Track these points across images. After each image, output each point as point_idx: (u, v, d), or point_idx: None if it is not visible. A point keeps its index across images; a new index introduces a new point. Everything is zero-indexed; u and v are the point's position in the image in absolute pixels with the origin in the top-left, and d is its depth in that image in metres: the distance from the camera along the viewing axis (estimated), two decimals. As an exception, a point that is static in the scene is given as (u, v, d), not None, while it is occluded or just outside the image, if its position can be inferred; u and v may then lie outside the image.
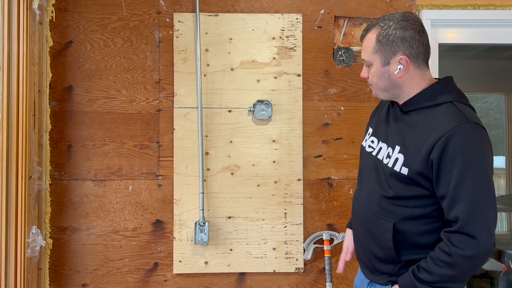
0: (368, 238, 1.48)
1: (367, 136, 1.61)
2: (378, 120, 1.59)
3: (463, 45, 2.37)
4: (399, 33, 1.38)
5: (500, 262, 3.12)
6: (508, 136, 3.75)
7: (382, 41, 1.39)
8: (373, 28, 1.43)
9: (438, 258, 1.31)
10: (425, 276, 1.33)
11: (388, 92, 1.45)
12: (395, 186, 1.40)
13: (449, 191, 1.30)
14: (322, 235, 2.14)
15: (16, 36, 1.85)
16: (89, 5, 2.16)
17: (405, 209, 1.39)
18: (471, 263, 1.29)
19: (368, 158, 1.55)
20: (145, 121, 2.16)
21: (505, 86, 3.79)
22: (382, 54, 1.40)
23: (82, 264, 2.14)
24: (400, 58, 1.38)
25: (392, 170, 1.40)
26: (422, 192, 1.37)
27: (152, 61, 2.17)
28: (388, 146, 1.45)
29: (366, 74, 1.48)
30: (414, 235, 1.39)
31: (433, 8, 2.22)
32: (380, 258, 1.46)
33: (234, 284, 2.16)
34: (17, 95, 1.85)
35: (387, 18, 1.42)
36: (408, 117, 1.43)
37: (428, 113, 1.38)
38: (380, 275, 1.48)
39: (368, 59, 1.44)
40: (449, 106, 1.37)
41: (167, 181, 2.16)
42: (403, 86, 1.42)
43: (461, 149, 1.29)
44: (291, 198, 2.16)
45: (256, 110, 2.15)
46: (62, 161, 2.14)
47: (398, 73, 1.40)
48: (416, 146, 1.36)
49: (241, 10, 2.18)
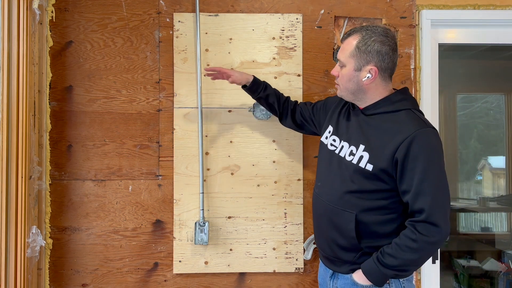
0: (332, 229, 1.63)
1: (328, 134, 1.75)
2: (338, 120, 1.73)
3: (463, 45, 2.37)
4: (377, 46, 1.54)
5: (500, 262, 3.13)
6: (508, 136, 3.75)
7: (361, 48, 1.55)
8: (355, 34, 1.57)
9: (404, 244, 1.48)
10: (390, 260, 1.49)
11: (353, 95, 1.62)
12: (359, 181, 1.55)
13: (413, 186, 1.46)
14: (322, 235, 2.14)
15: (16, 36, 1.85)
16: (89, 5, 2.16)
17: (366, 201, 1.55)
18: (433, 247, 1.48)
19: (330, 156, 1.69)
20: (145, 121, 2.16)
21: (505, 86, 3.79)
22: (357, 60, 1.56)
23: (82, 264, 2.14)
24: (370, 68, 1.55)
25: (357, 166, 1.56)
26: (383, 187, 1.53)
27: (152, 61, 2.17)
28: (350, 145, 1.61)
29: (337, 72, 1.64)
30: (373, 224, 1.55)
31: (433, 8, 2.22)
32: (342, 247, 1.60)
33: (234, 284, 2.16)
34: (17, 95, 1.85)
35: (370, 29, 1.56)
36: (371, 119, 1.59)
37: (390, 117, 1.55)
38: (342, 264, 1.63)
39: (344, 60, 1.59)
40: (409, 112, 1.55)
41: (167, 181, 2.16)
42: (368, 92, 1.59)
43: (424, 149, 1.46)
44: (291, 198, 2.17)
45: (256, 110, 2.15)
46: (62, 161, 2.15)
47: (365, 80, 1.56)
48: (381, 145, 1.52)
49: (241, 10, 2.18)
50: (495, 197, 3.86)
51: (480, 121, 4.02)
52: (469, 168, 4.02)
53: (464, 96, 4.04)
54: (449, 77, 3.65)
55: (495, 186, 3.95)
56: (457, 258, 3.26)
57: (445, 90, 3.72)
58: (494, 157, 4.00)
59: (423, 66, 2.21)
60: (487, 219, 3.89)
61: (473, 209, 3.76)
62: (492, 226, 3.87)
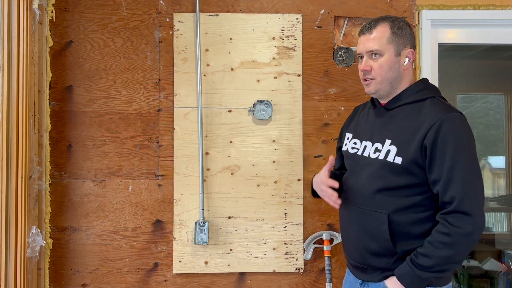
0: (362, 234, 1.50)
1: (347, 141, 1.67)
2: (357, 124, 1.66)
3: (463, 45, 2.37)
4: (408, 28, 1.51)
5: (500, 262, 3.12)
6: (508, 136, 3.75)
7: (397, 32, 1.48)
8: (382, 22, 1.50)
9: (437, 240, 1.36)
10: (425, 261, 1.36)
11: (391, 85, 1.51)
12: (387, 177, 1.45)
13: (443, 174, 1.37)
14: (322, 235, 2.14)
15: (16, 36, 1.85)
16: (89, 5, 2.16)
17: (398, 199, 1.44)
18: (469, 240, 1.35)
19: (353, 158, 1.60)
20: (145, 121, 2.16)
21: (505, 86, 3.79)
22: (396, 44, 1.48)
23: (82, 264, 2.14)
24: (408, 51, 1.50)
25: (385, 161, 1.46)
26: (414, 181, 1.42)
27: (152, 61, 2.17)
28: (374, 142, 1.52)
29: (368, 66, 1.51)
30: (407, 225, 1.43)
31: (433, 8, 2.22)
32: (375, 252, 1.48)
33: (234, 284, 2.16)
34: (17, 95, 1.85)
35: (391, 17, 1.53)
36: (394, 113, 1.51)
37: (415, 107, 1.48)
38: (374, 272, 1.50)
39: (382, 48, 1.48)
40: (434, 99, 1.48)
41: (167, 181, 2.16)
42: (403, 79, 1.52)
43: (452, 135, 1.38)
44: (291, 198, 2.17)
45: (256, 110, 2.15)
46: (62, 161, 2.15)
47: (406, 64, 1.50)
48: (408, 136, 1.43)
49: (241, 10, 2.18)
50: (495, 197, 3.86)
51: (480, 121, 4.02)
52: (469, 168, 4.00)
53: (464, 96, 4.04)
54: (449, 77, 3.65)
55: (495, 186, 3.95)
56: (457, 258, 3.25)
57: (445, 90, 3.71)
58: (494, 157, 4.00)
59: (423, 66, 2.21)
60: (487, 219, 3.89)
61: (473, 209, 3.75)
62: (492, 226, 3.87)
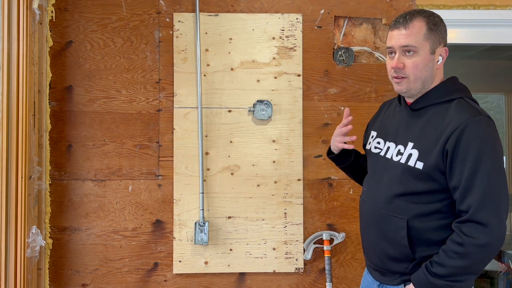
0: (381, 238, 1.46)
1: (371, 139, 1.61)
2: (382, 123, 1.59)
3: (463, 45, 2.37)
4: (443, 25, 1.42)
5: (500, 262, 3.12)
6: (508, 136, 3.75)
7: (433, 28, 1.39)
8: (418, 16, 1.39)
9: (450, 249, 1.31)
10: (439, 269, 1.32)
11: (423, 84, 1.42)
12: (408, 182, 1.39)
13: (462, 180, 1.30)
14: (322, 235, 2.14)
15: (16, 36, 1.85)
16: (89, 5, 2.16)
17: (417, 205, 1.38)
18: (484, 252, 1.29)
19: (375, 159, 1.55)
20: (145, 121, 2.16)
21: (505, 86, 3.79)
22: (432, 42, 1.39)
23: (82, 264, 2.14)
24: (442, 50, 1.42)
25: (406, 165, 1.40)
26: (435, 187, 1.36)
27: (152, 61, 2.17)
28: (397, 144, 1.45)
29: (401, 64, 1.40)
30: (427, 231, 1.38)
31: (433, 8, 2.22)
32: (393, 257, 1.44)
33: (234, 284, 2.16)
34: (17, 95, 1.85)
35: (425, 11, 1.42)
36: (420, 114, 1.43)
37: (441, 108, 1.40)
38: (392, 276, 1.46)
39: (418, 45, 1.38)
40: (461, 101, 1.39)
41: (167, 181, 2.16)
42: (435, 78, 1.43)
43: (475, 139, 1.30)
44: (291, 198, 2.16)
45: (256, 110, 2.15)
46: (62, 161, 2.14)
47: (440, 63, 1.42)
48: (431, 140, 1.36)
49: (241, 10, 2.18)
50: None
51: (480, 121, 4.01)
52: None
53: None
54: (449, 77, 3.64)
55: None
56: (457, 258, 3.25)
57: (445, 90, 3.71)
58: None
59: (423, 66, 2.21)
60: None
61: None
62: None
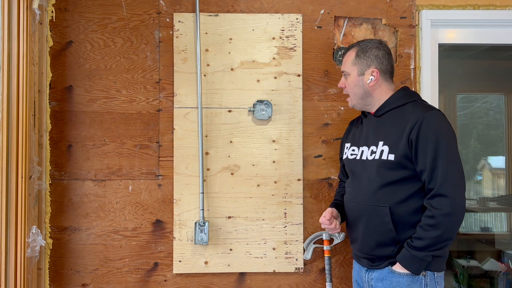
0: (369, 227, 1.72)
1: (346, 150, 1.90)
2: (353, 135, 1.90)
3: (463, 45, 2.37)
4: (374, 51, 1.77)
5: (499, 262, 3.13)
6: (508, 136, 3.75)
7: (360, 56, 1.78)
8: (354, 47, 1.81)
9: (425, 223, 1.59)
10: (418, 243, 1.59)
11: (362, 99, 1.80)
12: (384, 174, 1.68)
13: (426, 164, 1.60)
14: (322, 235, 2.14)
15: (16, 36, 1.85)
16: (89, 5, 2.16)
17: (396, 193, 1.66)
18: (450, 220, 1.56)
19: (353, 163, 1.83)
20: (145, 121, 2.16)
21: (505, 86, 3.79)
22: (359, 66, 1.78)
23: (82, 264, 2.14)
24: (372, 71, 1.76)
25: (380, 160, 1.69)
26: (407, 174, 1.65)
27: (152, 61, 2.17)
28: (370, 146, 1.75)
29: (343, 84, 1.86)
30: (407, 215, 1.65)
31: (433, 8, 2.22)
32: (381, 243, 1.69)
33: (234, 284, 2.16)
34: (17, 95, 1.85)
35: (366, 41, 1.81)
36: (383, 118, 1.76)
37: (399, 111, 1.73)
38: (379, 261, 1.71)
39: (348, 70, 1.81)
40: (415, 102, 1.73)
41: (167, 181, 2.16)
42: (373, 94, 1.78)
43: (433, 128, 1.61)
44: (291, 198, 2.17)
45: (256, 110, 2.15)
46: (62, 161, 2.15)
47: (370, 82, 1.76)
48: (396, 134, 1.67)
49: (241, 10, 2.18)
50: (495, 197, 3.86)
51: (480, 121, 4.02)
52: (469, 168, 4.02)
53: (464, 96, 4.04)
54: (449, 77, 3.65)
55: (495, 186, 3.95)
56: (457, 258, 3.26)
57: (445, 90, 3.72)
58: (494, 157, 4.00)
59: (423, 66, 2.21)
60: (487, 219, 3.89)
61: (473, 209, 3.76)
62: (492, 226, 3.87)
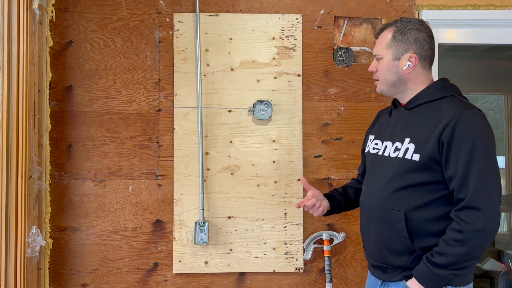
0: (381, 232, 1.53)
1: (369, 143, 1.70)
2: (379, 126, 1.69)
3: (463, 45, 2.37)
4: (414, 33, 1.53)
5: (500, 262, 3.13)
6: (508, 136, 3.75)
7: (397, 38, 1.54)
8: (390, 27, 1.57)
9: (450, 238, 1.37)
10: (440, 259, 1.37)
11: (394, 87, 1.57)
12: (405, 175, 1.47)
13: (458, 170, 1.38)
14: (322, 235, 2.14)
15: (16, 36, 1.85)
16: (89, 5, 2.16)
17: (415, 197, 1.45)
18: (481, 236, 1.35)
19: (373, 159, 1.63)
20: (145, 121, 2.16)
21: (505, 86, 3.79)
22: (395, 49, 1.54)
23: (82, 264, 2.14)
24: (410, 56, 1.52)
25: (403, 159, 1.48)
26: (431, 178, 1.44)
27: (152, 61, 2.17)
28: (394, 142, 1.55)
29: (374, 68, 1.61)
30: (425, 222, 1.44)
31: (433, 8, 2.22)
32: (394, 251, 1.49)
33: (234, 284, 2.16)
34: (17, 95, 1.85)
35: (405, 20, 1.56)
36: (414, 112, 1.54)
37: (433, 106, 1.50)
38: (393, 272, 1.51)
39: (381, 53, 1.57)
40: (453, 98, 1.51)
41: (167, 181, 2.16)
42: (409, 82, 1.55)
43: (469, 130, 1.39)
44: (291, 198, 2.17)
45: (256, 110, 2.15)
46: (62, 161, 2.15)
47: (406, 68, 1.53)
48: (426, 133, 1.45)
49: (241, 10, 2.18)
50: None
51: (480, 121, 4.01)
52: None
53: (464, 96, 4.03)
54: (449, 77, 3.65)
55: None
56: (457, 258, 3.25)
57: (445, 90, 3.71)
58: (494, 157, 3.99)
59: (423, 66, 2.21)
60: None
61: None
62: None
